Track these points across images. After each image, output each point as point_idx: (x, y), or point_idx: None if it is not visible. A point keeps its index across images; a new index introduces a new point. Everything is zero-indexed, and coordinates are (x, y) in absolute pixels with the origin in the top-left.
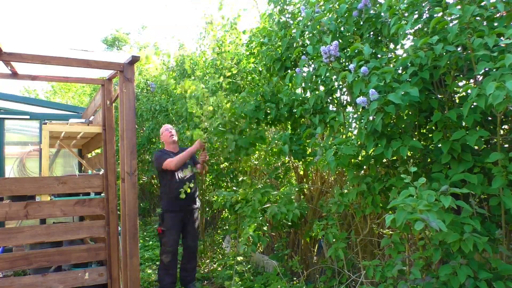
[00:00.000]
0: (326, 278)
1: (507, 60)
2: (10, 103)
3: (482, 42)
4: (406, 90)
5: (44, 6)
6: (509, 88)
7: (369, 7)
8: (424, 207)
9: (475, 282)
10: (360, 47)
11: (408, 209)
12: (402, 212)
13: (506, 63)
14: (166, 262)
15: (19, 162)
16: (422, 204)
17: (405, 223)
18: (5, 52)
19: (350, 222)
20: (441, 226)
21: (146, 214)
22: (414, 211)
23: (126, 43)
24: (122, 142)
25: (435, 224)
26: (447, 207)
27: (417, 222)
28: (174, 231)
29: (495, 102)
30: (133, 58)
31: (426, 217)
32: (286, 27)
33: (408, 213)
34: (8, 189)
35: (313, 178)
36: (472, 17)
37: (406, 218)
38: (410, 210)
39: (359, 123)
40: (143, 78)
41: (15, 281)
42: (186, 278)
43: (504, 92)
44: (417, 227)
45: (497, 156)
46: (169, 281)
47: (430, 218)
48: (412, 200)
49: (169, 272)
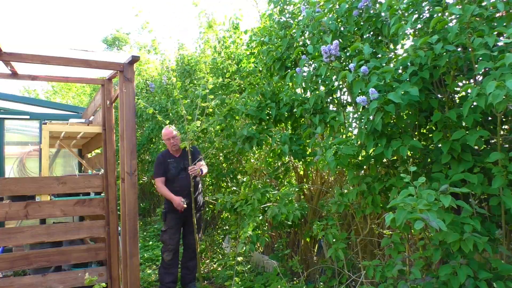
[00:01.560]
0: (326, 278)
1: (507, 59)
2: (10, 103)
3: (482, 41)
4: (406, 90)
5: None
6: (509, 87)
7: (370, 6)
8: (424, 207)
9: (475, 282)
10: (360, 46)
11: (408, 208)
12: (402, 212)
13: (506, 62)
14: (168, 260)
15: (19, 162)
16: (422, 203)
17: (405, 222)
18: (5, 52)
19: (350, 222)
20: (441, 225)
21: (146, 214)
22: (414, 211)
23: (126, 43)
24: (122, 142)
25: (435, 223)
26: (447, 206)
27: (417, 221)
28: (175, 230)
29: (495, 101)
30: (133, 58)
31: (426, 216)
32: (286, 27)
33: (408, 213)
34: (8, 189)
35: (313, 178)
36: (473, 17)
37: (406, 218)
38: (410, 209)
39: (359, 122)
40: (142, 78)
41: (15, 281)
42: (187, 276)
43: (504, 91)
44: (417, 226)
45: (497, 156)
46: (169, 280)
47: (430, 217)
48: (412, 199)
49: (170, 271)
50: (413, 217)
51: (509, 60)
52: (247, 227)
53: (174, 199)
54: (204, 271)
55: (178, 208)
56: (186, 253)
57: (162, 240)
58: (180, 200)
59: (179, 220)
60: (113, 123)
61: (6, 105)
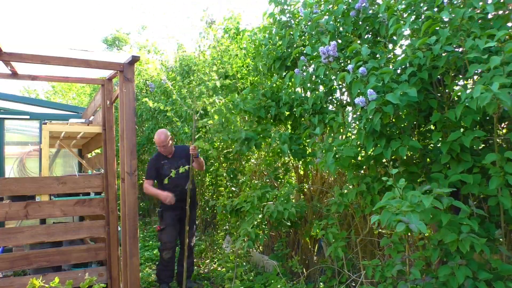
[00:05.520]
0: (326, 278)
1: (492, 62)
2: (10, 103)
3: (474, 44)
4: (404, 91)
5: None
6: (494, 89)
7: (367, 7)
8: (407, 208)
9: (475, 282)
10: (358, 47)
11: (392, 210)
12: (387, 213)
13: (492, 65)
14: (167, 258)
15: (19, 162)
16: (405, 205)
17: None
18: (5, 52)
19: (350, 222)
20: (421, 228)
21: (146, 214)
22: (399, 212)
23: (126, 43)
24: (122, 142)
25: (414, 226)
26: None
27: (398, 224)
28: (172, 228)
29: (482, 103)
30: (133, 58)
31: (407, 219)
32: (287, 27)
33: (393, 214)
34: (8, 189)
35: (313, 178)
36: (464, 20)
37: (391, 220)
38: (394, 211)
39: (358, 123)
40: (142, 78)
41: (15, 281)
42: (183, 274)
43: (491, 93)
44: (399, 228)
45: (493, 157)
46: (167, 275)
47: (411, 219)
48: (397, 201)
49: (168, 268)
50: (395, 220)
51: (494, 63)
52: (246, 224)
53: (161, 194)
54: (204, 271)
55: (167, 202)
56: (182, 251)
57: (160, 239)
58: (167, 194)
59: (175, 218)
60: (113, 123)
61: (6, 105)
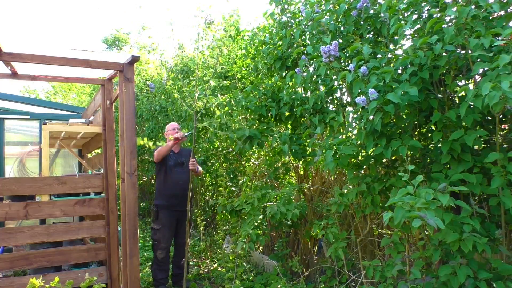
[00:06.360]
0: (326, 278)
1: (501, 60)
2: (10, 103)
3: (479, 42)
4: (405, 90)
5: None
6: (504, 88)
7: (368, 7)
8: (422, 205)
9: (475, 282)
10: (360, 47)
11: (406, 207)
12: (400, 210)
13: (500, 63)
14: (160, 258)
15: (19, 162)
16: (420, 202)
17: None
18: (5, 52)
19: (350, 222)
20: (439, 223)
21: (146, 214)
22: (412, 209)
23: (126, 43)
24: (122, 142)
25: (432, 221)
26: (445, 205)
27: (415, 220)
28: (168, 228)
29: (491, 102)
30: (133, 58)
31: (424, 214)
32: (287, 27)
33: (406, 211)
34: (8, 189)
35: (313, 178)
36: (469, 18)
37: (404, 216)
38: (408, 208)
39: (358, 122)
40: (142, 78)
41: (15, 281)
42: (179, 275)
43: (500, 92)
44: (415, 224)
45: (496, 156)
46: (162, 276)
47: (428, 216)
48: (411, 198)
49: (162, 268)
50: (411, 216)
51: (504, 61)
52: (247, 225)
53: (171, 141)
54: (204, 271)
55: (179, 136)
56: (178, 252)
57: (155, 238)
58: (177, 135)
59: (172, 218)
60: (113, 123)
61: (6, 105)
